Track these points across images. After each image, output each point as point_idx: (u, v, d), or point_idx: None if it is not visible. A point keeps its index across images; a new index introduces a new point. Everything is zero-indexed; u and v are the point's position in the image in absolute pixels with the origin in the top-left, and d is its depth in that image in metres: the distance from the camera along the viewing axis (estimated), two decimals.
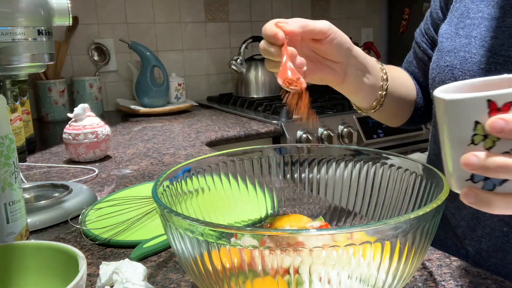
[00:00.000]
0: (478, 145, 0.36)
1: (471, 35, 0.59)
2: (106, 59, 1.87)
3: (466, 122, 0.36)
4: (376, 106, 0.73)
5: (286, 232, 0.40)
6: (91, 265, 0.60)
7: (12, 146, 0.59)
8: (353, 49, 0.65)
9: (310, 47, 0.63)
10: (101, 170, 1.04)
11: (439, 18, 0.75)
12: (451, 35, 0.63)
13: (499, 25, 0.56)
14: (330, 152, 0.65)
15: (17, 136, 1.09)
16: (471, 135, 0.36)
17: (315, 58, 0.64)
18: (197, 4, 2.04)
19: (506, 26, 0.56)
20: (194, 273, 0.46)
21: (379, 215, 0.61)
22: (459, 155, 0.37)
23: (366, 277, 0.42)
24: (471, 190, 0.38)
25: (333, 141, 1.54)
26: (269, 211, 0.67)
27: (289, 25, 0.58)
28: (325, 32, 0.60)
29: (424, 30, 0.79)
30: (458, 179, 0.39)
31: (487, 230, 0.64)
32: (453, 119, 0.37)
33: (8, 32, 0.67)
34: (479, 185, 0.37)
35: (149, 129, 1.53)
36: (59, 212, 0.76)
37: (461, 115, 0.36)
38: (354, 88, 0.69)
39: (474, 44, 0.58)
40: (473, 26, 0.60)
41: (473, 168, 0.36)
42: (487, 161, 0.35)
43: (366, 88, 0.70)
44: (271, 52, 0.58)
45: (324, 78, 0.65)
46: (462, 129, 0.37)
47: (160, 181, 0.53)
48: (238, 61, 1.94)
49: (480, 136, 0.36)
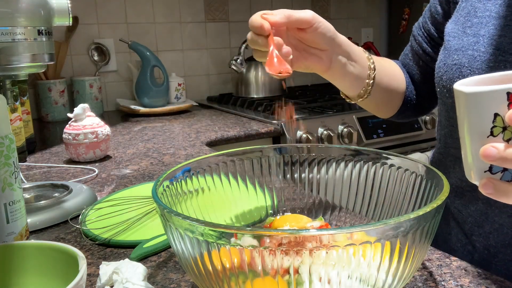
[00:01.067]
0: (497, 137, 0.37)
1: (479, 33, 0.59)
2: (106, 59, 1.87)
3: (486, 114, 0.37)
4: (363, 95, 0.74)
5: (286, 232, 0.40)
6: (91, 265, 0.60)
7: (12, 146, 0.59)
8: (337, 37, 0.67)
9: (295, 36, 0.66)
10: (101, 170, 1.04)
11: (437, 13, 0.76)
12: (458, 33, 0.63)
13: (507, 23, 0.56)
14: (330, 152, 0.65)
15: (17, 136, 1.09)
16: (491, 127, 0.37)
17: (300, 47, 0.67)
18: (197, 4, 2.04)
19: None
20: (194, 273, 0.46)
21: (379, 215, 0.61)
22: (478, 146, 0.38)
23: (366, 277, 0.42)
24: (489, 181, 0.38)
25: (333, 141, 1.54)
26: (269, 211, 0.67)
27: (274, 16, 0.61)
28: (309, 22, 0.62)
29: (422, 24, 0.80)
30: (477, 171, 0.39)
31: (495, 226, 0.64)
32: (473, 111, 0.38)
33: (8, 32, 0.67)
34: (497, 176, 0.38)
35: (149, 129, 1.53)
36: (59, 212, 0.76)
37: (481, 107, 0.37)
38: (339, 75, 0.71)
39: (482, 43, 0.58)
40: (480, 25, 0.60)
41: (492, 160, 0.37)
42: (506, 152, 0.36)
43: (352, 76, 0.71)
44: (258, 42, 0.62)
45: (310, 66, 0.68)
46: (481, 121, 0.37)
47: (160, 181, 0.53)
48: (238, 61, 1.94)
49: (499, 128, 0.36)
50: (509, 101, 0.36)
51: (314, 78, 2.34)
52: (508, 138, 0.37)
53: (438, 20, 0.75)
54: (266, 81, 1.96)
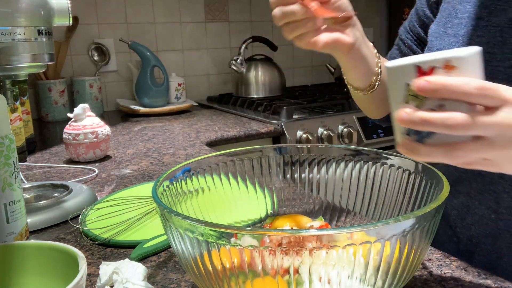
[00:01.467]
0: (409, 103, 0.43)
1: (459, 34, 0.62)
2: (106, 59, 1.87)
3: (400, 84, 0.44)
4: (369, 87, 0.73)
5: (286, 232, 0.40)
6: (91, 265, 0.60)
7: (12, 146, 0.59)
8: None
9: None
10: (101, 170, 1.04)
11: (426, 16, 0.77)
12: (440, 34, 0.66)
13: (484, 24, 0.60)
14: (330, 152, 0.65)
15: (17, 136, 1.09)
16: (404, 95, 0.43)
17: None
18: (197, 4, 2.04)
19: (491, 25, 0.59)
20: (194, 273, 0.46)
21: (379, 215, 0.61)
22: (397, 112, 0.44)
23: (366, 277, 0.42)
24: (405, 142, 0.44)
25: (333, 141, 1.54)
26: (269, 211, 0.67)
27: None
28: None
29: (409, 27, 0.81)
30: (398, 133, 0.46)
31: (476, 218, 0.67)
32: (392, 82, 0.45)
33: (8, 32, 0.67)
34: (412, 138, 0.44)
35: (149, 129, 1.53)
36: (59, 212, 0.76)
37: (396, 78, 0.44)
38: (359, 58, 0.69)
39: (462, 43, 0.61)
40: (460, 26, 0.63)
41: (404, 122, 0.42)
42: (414, 116, 0.41)
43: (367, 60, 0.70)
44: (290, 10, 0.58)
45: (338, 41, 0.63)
46: (398, 91, 0.44)
47: (160, 181, 0.53)
48: (238, 61, 1.94)
49: (411, 96, 0.43)
50: (417, 72, 0.42)
51: (314, 78, 2.34)
52: (418, 104, 0.42)
53: (427, 23, 0.76)
54: (266, 81, 1.96)
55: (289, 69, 2.28)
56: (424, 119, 0.41)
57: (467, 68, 0.42)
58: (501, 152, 0.42)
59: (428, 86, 0.41)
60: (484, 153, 0.42)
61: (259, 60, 1.98)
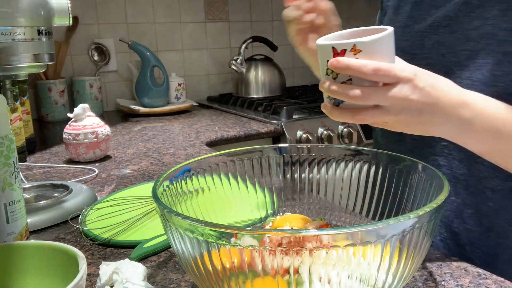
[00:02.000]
0: (329, 76, 0.53)
1: None
2: (106, 59, 1.87)
3: (323, 60, 0.53)
4: None
5: (286, 232, 0.40)
6: (91, 265, 0.60)
7: (12, 146, 0.59)
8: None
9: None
10: (101, 170, 1.04)
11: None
12: None
13: (409, 31, 0.72)
14: (330, 152, 0.65)
15: (17, 136, 1.09)
16: (325, 69, 0.53)
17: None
18: (197, 4, 2.04)
19: (414, 31, 0.72)
20: (194, 273, 0.46)
21: (379, 215, 0.61)
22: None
23: (366, 277, 0.42)
24: (325, 104, 0.56)
25: (333, 141, 1.54)
26: (269, 211, 0.67)
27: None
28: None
29: None
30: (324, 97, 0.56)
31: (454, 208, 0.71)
32: (319, 56, 0.54)
33: (8, 32, 0.67)
34: (331, 101, 0.55)
35: (149, 129, 1.53)
36: (59, 212, 0.76)
37: (321, 54, 0.54)
38: None
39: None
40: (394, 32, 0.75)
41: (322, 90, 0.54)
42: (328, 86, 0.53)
43: None
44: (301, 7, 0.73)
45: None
46: (322, 64, 0.54)
47: (160, 181, 0.53)
48: (238, 61, 1.94)
49: (329, 70, 0.53)
50: (333, 52, 0.52)
51: (314, 78, 2.34)
52: (334, 77, 0.53)
53: None
54: (266, 81, 1.96)
55: (289, 69, 2.28)
56: (333, 90, 0.52)
57: (371, 51, 0.51)
58: (395, 117, 0.53)
59: (338, 65, 0.51)
60: (381, 117, 0.53)
61: (259, 60, 1.98)
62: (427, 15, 0.70)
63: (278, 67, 2.01)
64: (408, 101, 0.51)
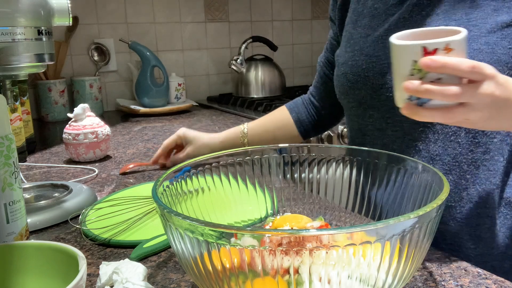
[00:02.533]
0: (414, 76, 0.53)
1: (355, 49, 0.82)
2: (106, 59, 1.87)
3: (407, 60, 0.53)
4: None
5: (286, 232, 0.40)
6: (91, 265, 0.60)
7: (12, 146, 0.59)
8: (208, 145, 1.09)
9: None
10: (101, 170, 1.04)
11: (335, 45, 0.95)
12: (342, 53, 0.85)
13: (370, 38, 0.79)
14: (330, 152, 0.65)
15: (17, 136, 1.09)
16: (410, 69, 0.53)
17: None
18: (197, 4, 2.04)
19: (374, 37, 0.78)
20: (194, 273, 0.46)
21: (379, 215, 0.61)
22: (402, 82, 0.54)
23: (366, 277, 0.42)
24: (408, 105, 0.55)
25: (333, 141, 1.54)
26: (269, 211, 0.67)
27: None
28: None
29: (328, 61, 0.99)
30: (400, 99, 0.56)
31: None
32: (399, 57, 0.54)
33: (8, 32, 0.67)
34: (413, 102, 0.54)
35: (149, 129, 1.53)
36: (59, 212, 0.76)
37: (404, 55, 0.53)
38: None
39: (357, 54, 0.80)
40: (355, 44, 0.82)
41: (410, 91, 0.53)
42: (420, 87, 0.52)
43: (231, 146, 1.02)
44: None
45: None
46: (404, 65, 0.53)
47: (160, 181, 0.53)
48: (238, 61, 1.94)
49: (417, 70, 0.52)
50: (424, 52, 0.51)
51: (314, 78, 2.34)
52: (421, 77, 0.52)
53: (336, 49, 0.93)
54: (266, 81, 1.96)
55: (289, 69, 2.28)
56: (428, 89, 0.52)
57: (460, 48, 0.52)
58: (480, 114, 0.54)
59: (433, 64, 0.51)
60: (470, 115, 0.54)
61: (259, 60, 1.98)
62: (385, 22, 0.78)
63: (278, 67, 2.01)
64: (493, 97, 0.53)
